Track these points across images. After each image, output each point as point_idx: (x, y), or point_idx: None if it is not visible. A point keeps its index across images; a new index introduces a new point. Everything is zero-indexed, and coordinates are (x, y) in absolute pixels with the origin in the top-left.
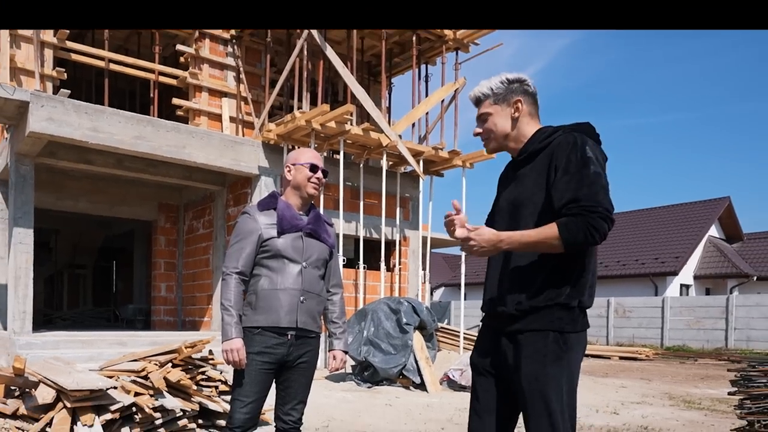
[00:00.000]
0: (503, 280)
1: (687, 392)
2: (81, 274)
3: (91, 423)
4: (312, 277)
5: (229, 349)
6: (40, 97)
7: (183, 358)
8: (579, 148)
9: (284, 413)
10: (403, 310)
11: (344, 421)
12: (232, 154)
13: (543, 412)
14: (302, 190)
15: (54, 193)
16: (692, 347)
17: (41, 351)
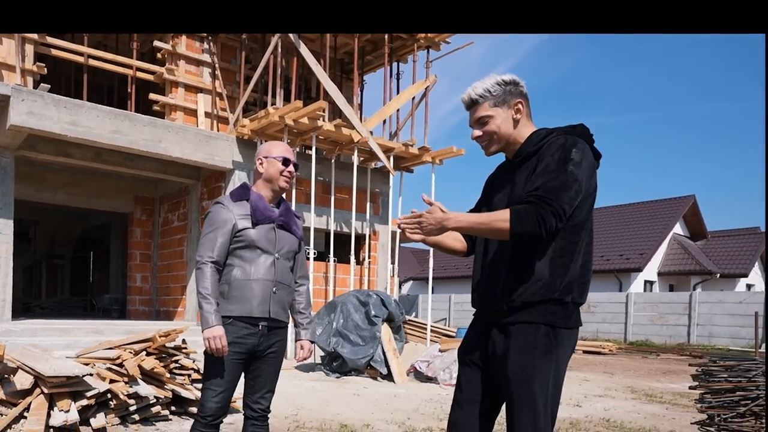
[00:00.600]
0: (496, 275)
1: (649, 386)
2: (59, 264)
3: (68, 408)
4: (283, 268)
5: (211, 336)
6: (21, 91)
7: (157, 346)
8: (565, 149)
9: (253, 401)
10: (371, 302)
11: (313, 410)
12: (206, 148)
13: (526, 404)
14: (274, 183)
15: (33, 185)
16: (655, 342)
17: (20, 338)
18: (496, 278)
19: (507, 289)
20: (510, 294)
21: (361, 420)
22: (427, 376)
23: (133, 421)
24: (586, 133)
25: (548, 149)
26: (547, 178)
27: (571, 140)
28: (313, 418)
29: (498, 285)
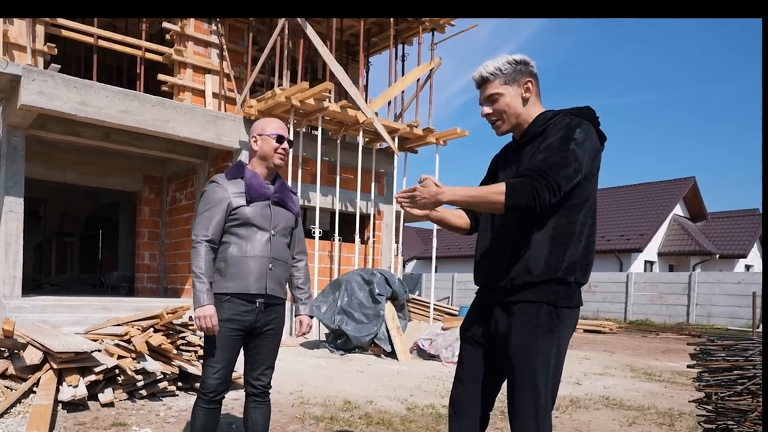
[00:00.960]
0: (499, 253)
1: (648, 365)
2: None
3: (76, 383)
4: (280, 244)
5: (201, 315)
6: (32, 71)
7: (164, 323)
8: (569, 129)
9: (254, 378)
10: (376, 281)
11: (317, 386)
12: (214, 128)
13: (528, 382)
14: (269, 160)
15: (44, 163)
16: (655, 322)
17: (30, 315)
18: (499, 257)
19: (509, 268)
20: (512, 273)
21: (364, 396)
22: (429, 353)
23: (140, 396)
24: (592, 115)
25: (553, 129)
26: (548, 155)
27: (576, 121)
28: (318, 394)
29: (501, 263)
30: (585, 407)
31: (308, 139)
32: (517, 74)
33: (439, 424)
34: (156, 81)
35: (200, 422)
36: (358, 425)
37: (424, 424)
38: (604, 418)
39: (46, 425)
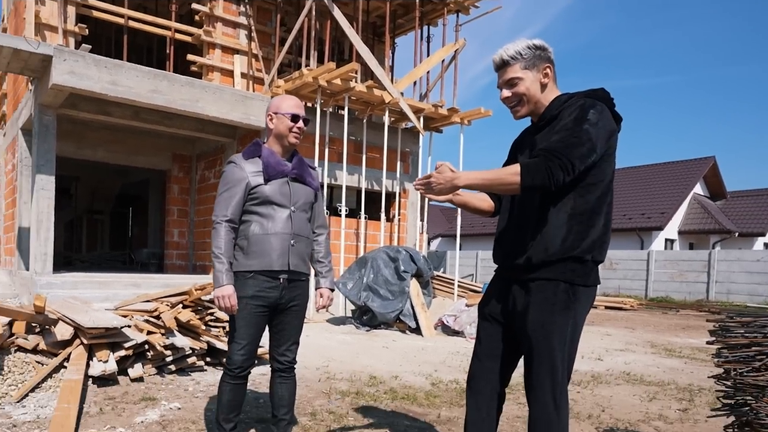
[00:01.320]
0: (518, 233)
1: (668, 341)
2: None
3: (106, 359)
4: (300, 220)
5: (220, 295)
6: (63, 51)
7: (193, 299)
8: (583, 110)
9: (279, 354)
10: (401, 258)
11: (343, 361)
12: (242, 108)
13: (546, 359)
14: (284, 139)
15: (75, 142)
16: (675, 299)
17: (60, 291)
18: (518, 236)
19: (528, 247)
20: (530, 251)
21: (389, 372)
22: (453, 329)
23: (169, 371)
24: (607, 96)
25: (567, 110)
26: (562, 135)
27: (590, 102)
28: (344, 369)
29: (519, 242)
30: (606, 382)
31: (335, 119)
32: (537, 59)
33: (462, 399)
34: (185, 61)
35: (227, 397)
36: (384, 400)
37: (449, 399)
38: (625, 393)
39: (76, 399)
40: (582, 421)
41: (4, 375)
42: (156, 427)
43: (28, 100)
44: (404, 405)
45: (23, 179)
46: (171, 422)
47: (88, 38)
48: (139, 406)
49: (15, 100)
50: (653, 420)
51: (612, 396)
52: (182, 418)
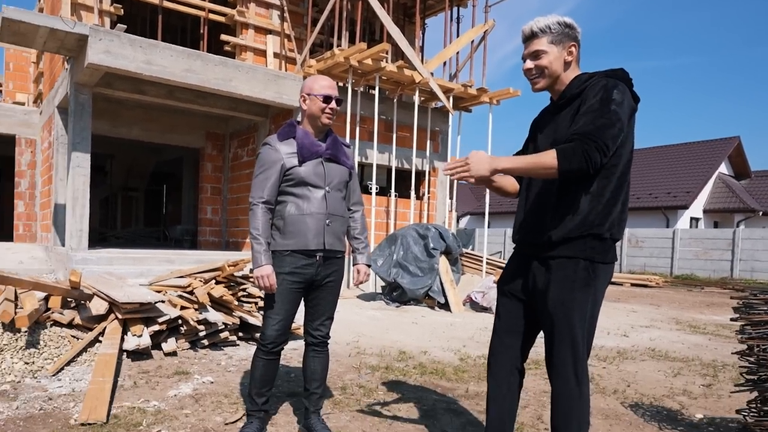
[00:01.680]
0: (538, 211)
1: (693, 318)
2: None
3: (140, 333)
4: (335, 200)
5: (260, 275)
6: (98, 31)
7: (226, 275)
8: (607, 90)
9: (313, 329)
10: (430, 235)
11: (373, 336)
12: (275, 87)
13: (567, 336)
14: (317, 120)
15: (110, 120)
16: (699, 276)
17: (95, 266)
18: (538, 214)
19: (548, 225)
20: (550, 229)
21: (418, 347)
22: (482, 306)
23: (202, 345)
24: (626, 77)
25: (591, 90)
26: (591, 117)
27: (612, 82)
28: (373, 344)
29: (540, 220)
30: (632, 358)
31: (366, 99)
32: (564, 36)
33: None
34: (219, 41)
35: (259, 372)
36: (413, 375)
37: (476, 374)
38: (650, 369)
39: (111, 373)
40: (607, 396)
41: (40, 349)
42: (189, 401)
43: (64, 79)
44: (433, 379)
45: (59, 157)
46: (204, 396)
47: (123, 18)
48: (172, 379)
49: (51, 79)
50: (677, 395)
51: (637, 371)
52: (215, 392)
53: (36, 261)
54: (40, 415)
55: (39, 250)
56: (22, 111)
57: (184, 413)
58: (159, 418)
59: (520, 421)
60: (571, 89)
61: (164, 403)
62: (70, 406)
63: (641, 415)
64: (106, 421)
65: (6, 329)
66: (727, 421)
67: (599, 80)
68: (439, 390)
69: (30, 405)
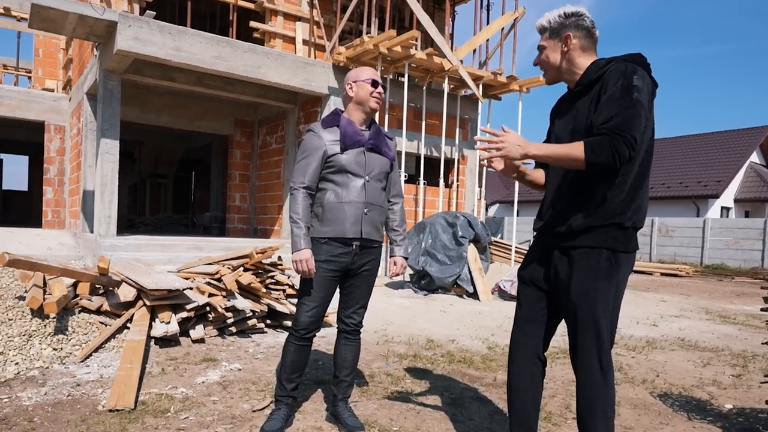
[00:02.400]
0: (558, 200)
1: (723, 308)
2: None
3: (168, 320)
4: (375, 190)
5: (298, 259)
6: (128, 17)
7: (254, 262)
8: (627, 76)
9: (346, 316)
10: (459, 223)
11: (401, 325)
12: (304, 74)
13: (590, 326)
14: (365, 105)
15: (139, 107)
16: (730, 266)
17: (124, 253)
18: (558, 203)
19: (568, 214)
20: (572, 218)
21: (446, 335)
22: (510, 294)
23: (230, 333)
24: (644, 62)
25: (610, 77)
26: (615, 109)
27: (632, 67)
28: (401, 332)
29: (560, 209)
30: (661, 348)
31: (395, 86)
32: (561, 28)
33: None
34: (248, 28)
35: (291, 358)
36: (440, 363)
37: (504, 363)
38: (679, 359)
39: (139, 359)
40: (636, 385)
41: (68, 335)
42: (216, 388)
43: (93, 66)
44: (460, 368)
45: (88, 143)
46: (231, 383)
47: (152, 5)
48: (200, 366)
49: (80, 66)
50: (707, 385)
51: (666, 361)
52: (242, 379)
53: (64, 247)
54: (68, 401)
55: (67, 236)
56: (51, 97)
57: (212, 400)
58: (186, 405)
59: (547, 410)
60: (588, 75)
61: (192, 390)
62: (98, 393)
63: (670, 405)
64: (133, 408)
65: (35, 315)
66: (756, 411)
67: (618, 65)
68: (467, 379)
69: (58, 391)
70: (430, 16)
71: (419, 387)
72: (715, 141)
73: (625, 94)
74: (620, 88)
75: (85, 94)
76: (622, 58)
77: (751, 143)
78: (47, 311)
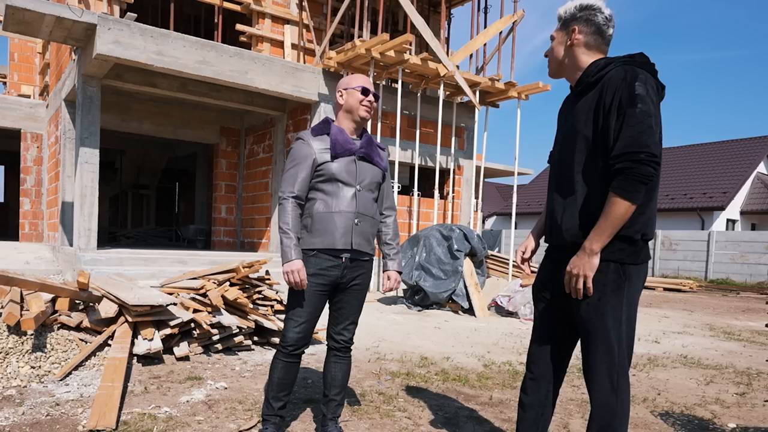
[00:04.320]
0: (566, 212)
1: (728, 324)
2: (145, 194)
3: (151, 337)
4: (366, 200)
5: (289, 270)
6: (107, 19)
7: (241, 277)
8: (628, 85)
9: (336, 333)
10: (454, 236)
11: (394, 342)
12: (293, 80)
13: (601, 341)
14: (354, 113)
15: (120, 114)
16: (735, 281)
17: (105, 267)
18: (562, 215)
19: (573, 225)
20: (574, 230)
21: (441, 353)
22: (507, 310)
23: (215, 350)
24: (647, 62)
25: (610, 85)
26: (625, 132)
27: (631, 72)
28: (394, 350)
29: (564, 221)
30: (663, 365)
31: (388, 92)
32: (572, 20)
33: (515, 381)
34: (234, 31)
35: (278, 375)
36: (435, 381)
37: (501, 381)
38: (682, 377)
39: (120, 378)
40: (637, 404)
41: (47, 352)
42: (202, 407)
43: (72, 71)
44: (455, 386)
45: (66, 152)
46: (217, 402)
47: (133, 6)
48: (184, 385)
49: (58, 71)
50: (710, 404)
51: (668, 379)
52: (229, 398)
53: (43, 261)
54: (46, 421)
55: (46, 250)
56: (27, 104)
57: (197, 420)
58: (170, 425)
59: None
60: (588, 76)
61: (176, 409)
62: (78, 412)
63: (671, 424)
64: (115, 428)
65: (11, 332)
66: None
67: (617, 71)
68: (462, 397)
69: (36, 411)
70: (425, 19)
71: (412, 406)
72: (720, 150)
73: (629, 107)
74: (624, 100)
75: (63, 101)
76: (621, 59)
77: (759, 153)
78: (24, 328)
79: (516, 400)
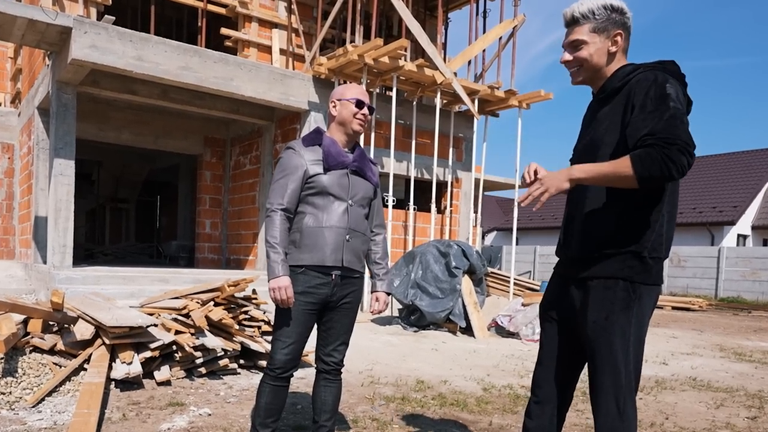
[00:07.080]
0: (576, 224)
1: (738, 344)
2: (124, 208)
3: (130, 360)
4: (357, 215)
5: (276, 287)
6: (84, 23)
7: (226, 296)
8: (659, 85)
9: (326, 354)
10: (452, 253)
11: (389, 365)
12: (281, 87)
13: (607, 362)
14: (347, 126)
15: (97, 123)
16: (747, 299)
17: (81, 286)
18: (576, 227)
19: (585, 239)
20: (588, 243)
21: (438, 376)
22: (508, 331)
23: (199, 374)
24: (677, 71)
25: (638, 88)
26: (653, 120)
27: (662, 76)
28: (389, 373)
29: (577, 234)
30: (671, 388)
31: (382, 101)
32: (609, 23)
33: (516, 405)
34: (219, 35)
35: (265, 400)
36: (431, 406)
37: (501, 405)
38: (691, 400)
39: (97, 404)
40: (644, 429)
41: (18, 377)
42: None
43: (45, 77)
44: (453, 411)
45: (40, 164)
46: (200, 429)
47: (111, 9)
48: (165, 411)
49: (31, 77)
50: (720, 429)
51: (677, 403)
52: (213, 425)
53: (14, 280)
54: None
55: (17, 267)
56: None
57: None
58: None
59: None
60: (614, 82)
61: None
62: None
63: None
64: None
65: None
66: None
67: (647, 74)
68: (460, 423)
69: None
70: (421, 23)
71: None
72: (730, 162)
73: (661, 104)
74: (653, 100)
75: (36, 109)
76: (651, 65)
77: None
78: None
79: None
